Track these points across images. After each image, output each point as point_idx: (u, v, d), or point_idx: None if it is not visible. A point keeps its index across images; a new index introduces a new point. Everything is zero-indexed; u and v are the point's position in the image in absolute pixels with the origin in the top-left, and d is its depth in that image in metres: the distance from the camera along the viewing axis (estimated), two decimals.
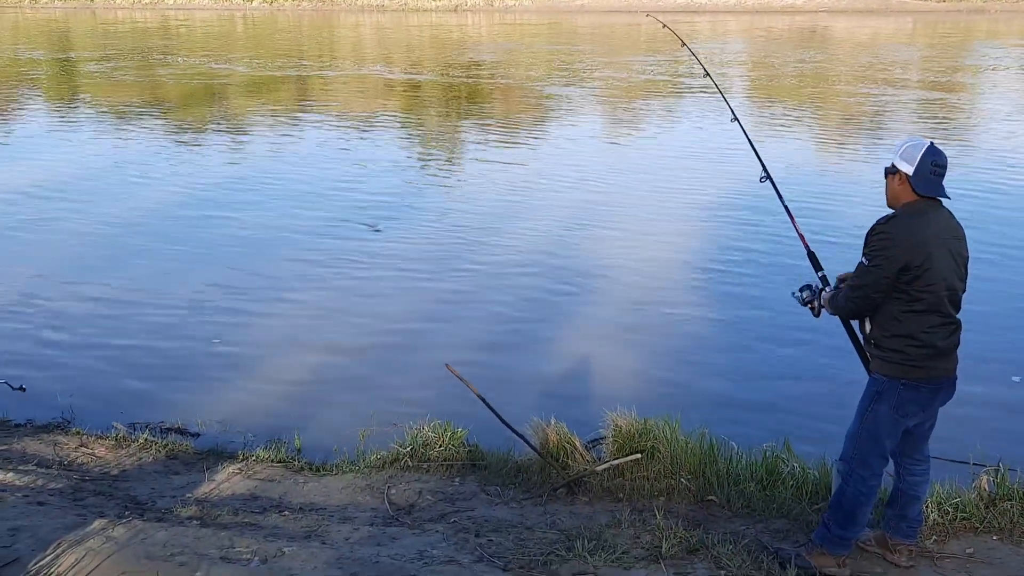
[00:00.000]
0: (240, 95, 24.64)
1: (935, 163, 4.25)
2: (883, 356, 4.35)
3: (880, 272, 4.21)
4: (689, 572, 4.49)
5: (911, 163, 4.25)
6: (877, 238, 4.24)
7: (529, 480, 5.65)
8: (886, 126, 19.89)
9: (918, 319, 4.24)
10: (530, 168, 15.88)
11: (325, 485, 5.70)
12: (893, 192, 4.37)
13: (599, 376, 7.61)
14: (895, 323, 4.28)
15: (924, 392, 4.33)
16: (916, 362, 4.27)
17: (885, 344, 4.33)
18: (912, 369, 4.28)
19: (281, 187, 14.19)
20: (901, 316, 4.26)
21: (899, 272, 4.18)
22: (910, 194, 4.29)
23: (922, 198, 4.27)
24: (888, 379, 4.34)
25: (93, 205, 12.99)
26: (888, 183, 4.40)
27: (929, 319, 4.24)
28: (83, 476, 5.66)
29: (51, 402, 6.84)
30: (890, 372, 4.33)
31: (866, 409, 4.42)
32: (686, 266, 10.47)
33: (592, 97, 24.34)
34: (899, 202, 4.35)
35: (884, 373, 4.35)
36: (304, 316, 8.92)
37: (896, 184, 4.34)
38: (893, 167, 4.34)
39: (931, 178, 4.25)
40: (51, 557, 4.42)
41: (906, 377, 4.30)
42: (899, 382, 4.31)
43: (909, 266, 4.16)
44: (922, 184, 4.25)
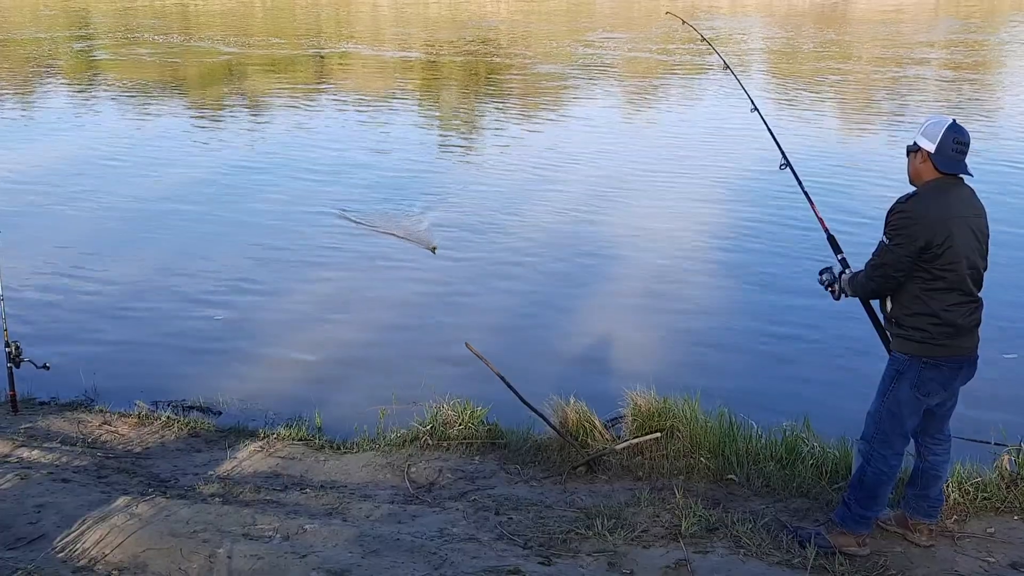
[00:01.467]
0: (259, 74, 24.65)
1: (957, 140, 4.21)
2: (904, 335, 4.32)
3: (901, 251, 4.18)
4: (708, 551, 4.50)
5: (933, 141, 4.22)
6: (898, 217, 4.22)
7: (549, 459, 5.67)
8: (908, 104, 19.69)
9: (939, 297, 4.22)
10: (548, 146, 15.82)
11: (346, 463, 5.73)
12: (915, 170, 4.34)
13: (618, 354, 7.61)
14: (916, 302, 4.26)
15: (945, 370, 4.31)
16: (937, 340, 4.25)
17: (906, 323, 4.30)
18: (933, 347, 4.26)
19: (301, 165, 14.19)
20: (922, 295, 4.24)
21: (920, 250, 4.15)
22: (932, 172, 4.25)
23: (944, 176, 4.24)
24: (909, 358, 4.32)
25: (112, 185, 13.05)
26: (910, 161, 4.37)
27: (950, 297, 4.22)
28: (107, 454, 5.72)
29: (75, 380, 6.90)
30: (911, 351, 4.31)
31: (888, 389, 4.40)
32: (705, 244, 10.43)
33: (610, 76, 24.21)
34: (921, 180, 4.31)
35: (905, 352, 4.33)
36: (325, 295, 8.96)
37: (918, 162, 4.31)
38: (915, 145, 4.31)
39: (953, 156, 4.21)
40: (76, 533, 4.47)
41: (927, 355, 4.28)
42: (920, 360, 4.29)
43: (930, 244, 4.14)
44: (944, 162, 4.21)
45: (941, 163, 4.21)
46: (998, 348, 7.28)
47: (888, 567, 4.42)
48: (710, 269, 9.69)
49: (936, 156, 4.21)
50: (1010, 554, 4.53)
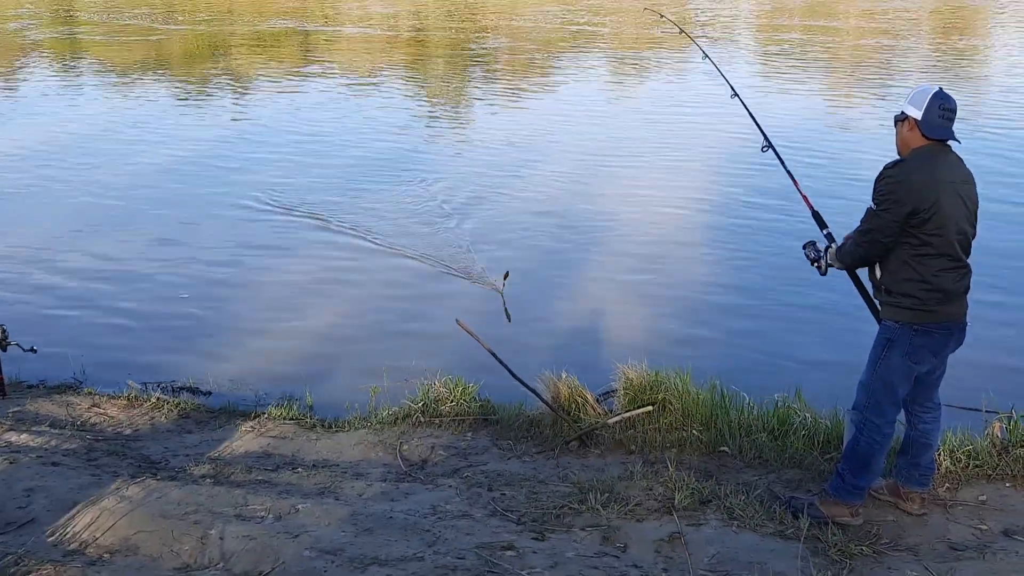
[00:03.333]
0: (243, 52, 24.44)
1: (943, 107, 4.21)
2: (894, 302, 4.32)
3: (888, 216, 4.18)
4: (702, 523, 4.50)
5: (919, 108, 4.23)
6: (885, 182, 4.22)
7: (541, 434, 5.66)
8: (893, 75, 19.65)
9: (928, 263, 4.21)
10: (537, 122, 15.75)
11: (337, 442, 5.71)
12: (903, 139, 4.34)
13: (609, 329, 7.59)
14: (905, 268, 4.25)
15: (936, 337, 4.31)
16: (927, 306, 4.24)
17: (895, 289, 4.30)
18: (923, 314, 4.26)
19: (287, 144, 14.09)
20: (911, 260, 4.23)
21: (908, 216, 4.15)
22: (919, 139, 4.26)
23: (931, 142, 4.24)
24: (900, 325, 4.31)
25: (99, 164, 12.93)
26: (898, 131, 4.38)
27: (939, 263, 4.22)
28: (96, 436, 5.68)
29: (63, 363, 6.84)
30: (901, 318, 4.30)
31: (879, 357, 4.39)
32: (695, 218, 10.40)
33: (596, 50, 24.09)
34: (908, 148, 4.31)
35: (895, 319, 4.33)
36: (314, 273, 8.91)
37: (905, 131, 4.31)
38: (902, 114, 4.32)
39: (940, 122, 4.21)
40: (67, 517, 4.45)
41: (917, 322, 4.27)
42: (911, 327, 4.29)
43: (917, 210, 4.13)
44: (930, 128, 4.21)
45: (928, 129, 4.21)
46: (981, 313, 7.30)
47: (881, 536, 4.43)
48: (700, 243, 9.66)
49: (923, 123, 4.21)
50: (1002, 521, 4.55)
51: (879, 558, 4.24)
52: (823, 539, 4.36)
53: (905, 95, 4.39)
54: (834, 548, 4.27)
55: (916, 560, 4.22)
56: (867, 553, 4.26)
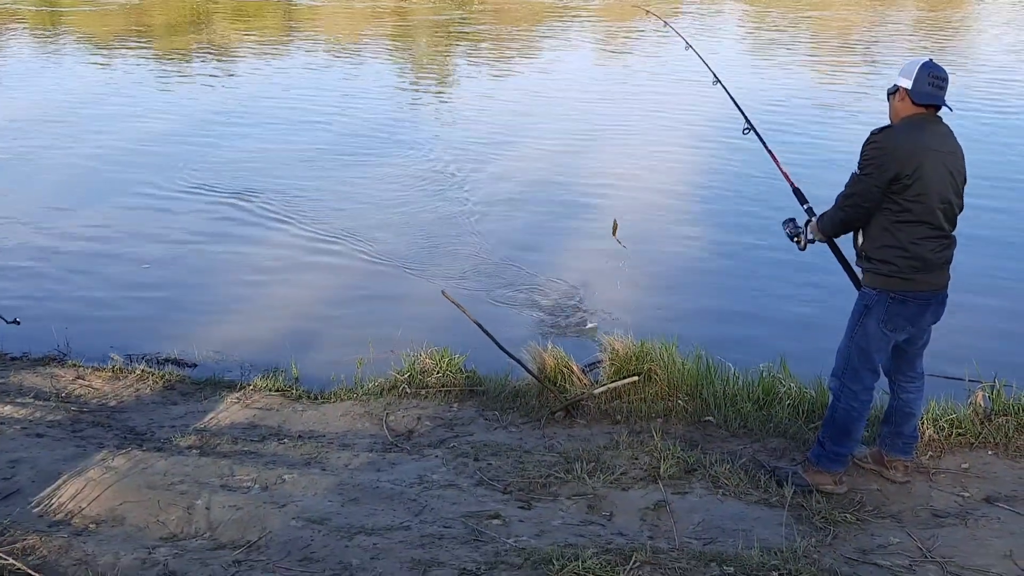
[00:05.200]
0: (226, 21, 24.20)
1: (933, 75, 4.22)
2: (873, 268, 4.34)
3: (871, 180, 4.19)
4: (687, 492, 4.52)
5: (909, 78, 4.24)
6: (870, 147, 4.23)
7: (527, 404, 5.67)
8: (879, 50, 19.63)
9: (907, 230, 4.22)
10: (523, 93, 15.68)
11: (324, 413, 5.70)
12: (894, 109, 4.35)
13: (595, 300, 7.60)
14: (885, 234, 4.26)
15: (912, 306, 4.32)
16: (905, 274, 4.26)
17: (874, 255, 4.31)
18: (901, 281, 4.27)
19: (271, 115, 14.00)
20: (891, 227, 4.24)
21: (890, 181, 4.16)
22: (910, 108, 4.27)
23: (921, 109, 4.24)
24: (878, 292, 4.33)
25: (80, 135, 12.81)
26: (890, 104, 4.39)
27: (919, 230, 4.22)
28: (81, 408, 5.66)
29: (46, 335, 6.79)
30: (880, 284, 4.32)
31: (856, 324, 4.42)
32: (680, 190, 10.40)
33: (583, 23, 23.96)
34: (899, 117, 4.32)
35: (874, 286, 4.35)
36: (299, 244, 8.87)
37: (897, 101, 4.33)
38: (894, 86, 4.33)
39: (930, 90, 4.22)
40: (52, 488, 4.44)
41: (894, 289, 4.29)
42: (888, 295, 4.30)
43: (900, 175, 4.14)
44: (920, 95, 4.22)
45: (917, 97, 4.22)
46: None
47: (864, 504, 4.47)
48: (685, 214, 9.67)
49: (912, 92, 4.22)
50: (984, 488, 4.59)
51: (863, 525, 4.27)
52: (807, 507, 4.39)
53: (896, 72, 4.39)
54: (818, 516, 4.31)
55: (899, 527, 4.26)
56: (851, 520, 4.29)
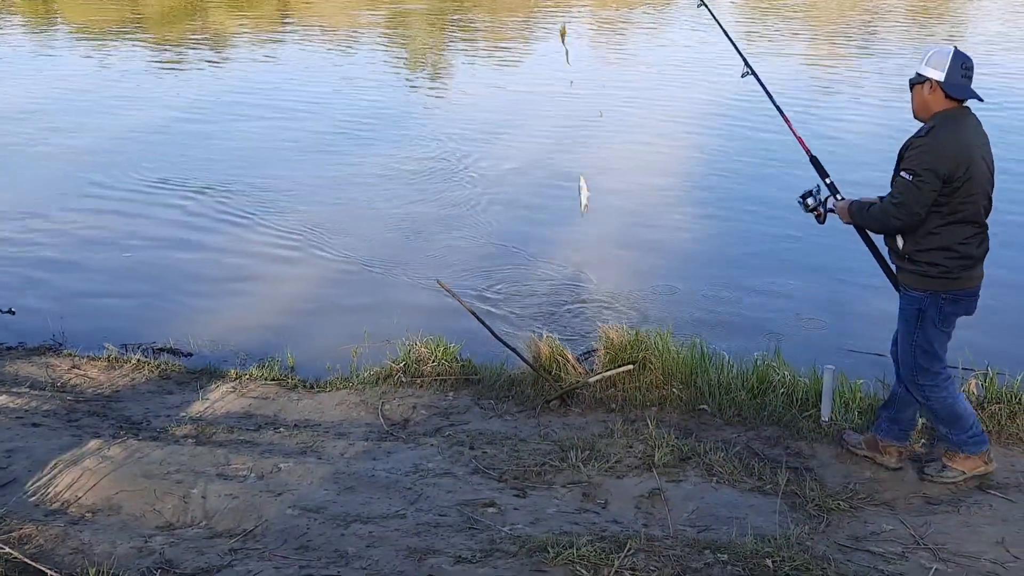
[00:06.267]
0: (221, 11, 24.12)
1: (964, 66, 4.15)
2: (920, 271, 4.25)
3: (927, 187, 4.08)
4: (681, 480, 4.54)
5: (941, 69, 4.14)
6: (920, 151, 4.11)
7: (522, 393, 5.67)
8: (873, 38, 19.62)
9: (955, 231, 4.18)
10: (516, 82, 15.68)
11: (319, 402, 5.71)
12: (923, 102, 4.24)
13: (590, 289, 7.61)
14: (932, 236, 4.19)
15: (963, 303, 4.30)
16: (954, 273, 4.22)
17: (921, 258, 4.23)
18: (950, 281, 4.23)
19: (266, 103, 13.98)
20: (939, 229, 4.17)
21: (942, 184, 4.07)
22: (942, 101, 4.18)
23: (954, 104, 4.17)
24: (928, 295, 4.26)
25: (74, 125, 12.79)
26: (915, 94, 4.26)
27: (966, 230, 4.19)
28: (77, 397, 5.66)
29: (42, 324, 6.80)
30: (928, 287, 4.25)
31: (913, 330, 4.34)
32: (675, 178, 10.40)
33: (581, 6, 23.92)
34: (929, 111, 4.22)
35: (922, 288, 4.27)
36: (294, 234, 8.85)
37: (926, 93, 4.21)
38: (920, 76, 4.21)
39: (961, 81, 4.14)
40: (48, 477, 4.45)
41: (944, 290, 4.24)
42: (939, 296, 4.25)
43: (952, 177, 4.07)
44: (953, 88, 4.14)
45: (951, 89, 4.14)
46: None
47: (857, 491, 4.49)
48: (679, 203, 9.67)
49: (946, 84, 4.13)
50: (976, 475, 4.61)
51: (856, 512, 4.30)
52: (801, 494, 4.41)
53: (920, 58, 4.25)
54: (811, 503, 4.33)
55: (892, 514, 4.29)
56: (844, 508, 4.31)
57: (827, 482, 4.58)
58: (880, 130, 11.48)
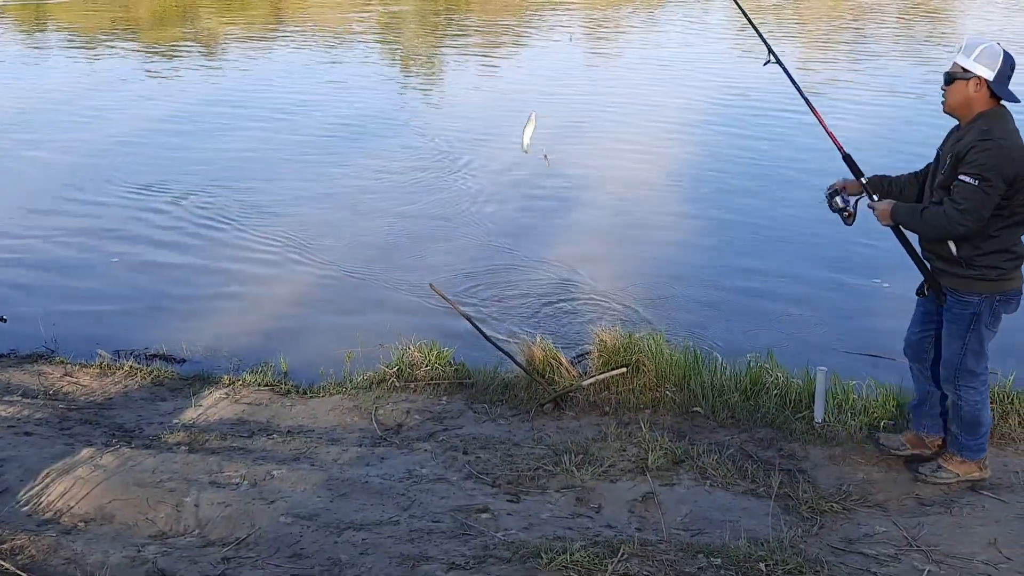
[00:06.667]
0: (212, 14, 24.09)
1: (1011, 66, 4.12)
2: (978, 275, 4.22)
3: (994, 190, 4.03)
4: (675, 483, 4.55)
5: (992, 68, 4.08)
6: (988, 155, 4.02)
7: (516, 397, 5.67)
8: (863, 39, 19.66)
9: (1011, 233, 4.17)
10: (509, 82, 15.67)
11: (312, 408, 5.70)
12: (966, 99, 4.15)
13: (583, 292, 7.59)
14: (992, 240, 4.15)
15: (1013, 302, 4.31)
16: (1009, 274, 4.22)
17: (980, 262, 4.19)
18: (1006, 283, 4.23)
19: (258, 108, 13.96)
20: (999, 232, 4.14)
21: (1008, 186, 4.04)
22: (986, 101, 4.12)
23: (997, 104, 4.12)
24: (983, 297, 4.24)
25: (65, 131, 12.76)
26: (955, 89, 4.16)
27: (1019, 231, 4.19)
28: (69, 405, 5.65)
29: (33, 332, 6.76)
30: (985, 289, 4.23)
31: (967, 332, 4.30)
32: (668, 180, 10.41)
33: (573, 4, 23.92)
34: (971, 110, 4.15)
35: (979, 291, 4.24)
36: (287, 240, 8.83)
37: (971, 90, 4.12)
38: (966, 72, 4.11)
39: (1007, 82, 4.11)
40: (40, 486, 4.44)
41: (1000, 291, 4.24)
42: (995, 298, 4.24)
43: (1017, 179, 4.04)
44: (1003, 89, 4.09)
45: (1001, 90, 4.09)
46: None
47: (850, 493, 4.50)
48: (672, 205, 9.67)
49: (994, 83, 4.08)
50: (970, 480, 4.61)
51: (849, 514, 4.30)
52: (794, 496, 4.42)
53: (960, 49, 4.16)
54: (805, 505, 4.34)
55: (885, 516, 4.29)
56: (837, 510, 4.32)
57: (820, 484, 4.59)
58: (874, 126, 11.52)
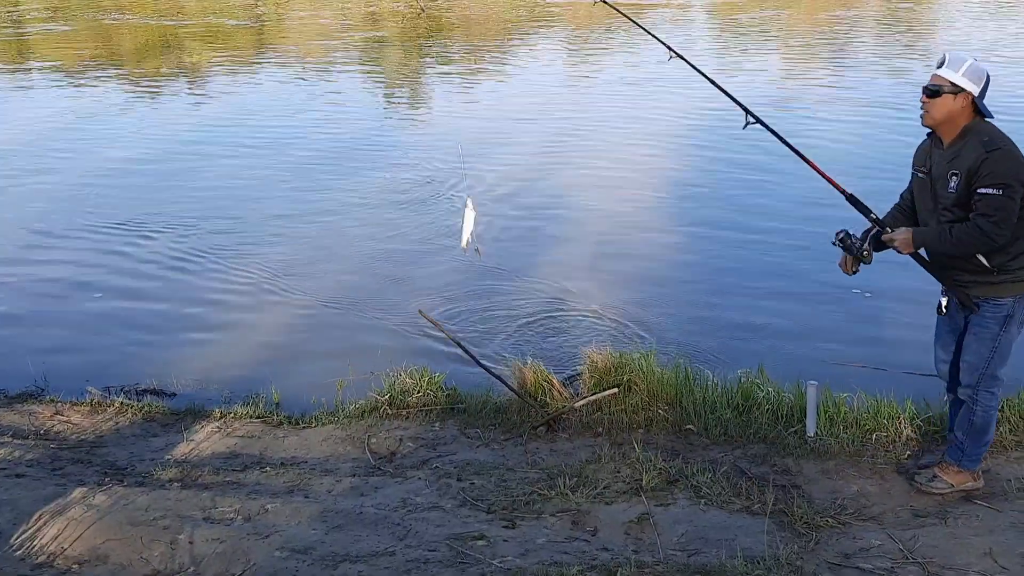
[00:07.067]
0: (196, 45, 24.13)
1: (989, 83, 4.20)
2: (1012, 278, 4.24)
3: (1017, 195, 4.07)
4: (670, 503, 4.55)
5: (978, 83, 4.14)
6: (1007, 165, 4.07)
7: (509, 420, 5.67)
8: (847, 43, 19.79)
9: None
10: (493, 104, 15.73)
11: (305, 438, 5.68)
12: (950, 112, 4.17)
13: (572, 313, 7.60)
14: (1017, 243, 4.19)
15: None
16: None
17: (1013, 266, 4.23)
18: None
19: (242, 138, 13.95)
20: (1021, 234, 4.18)
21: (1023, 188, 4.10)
22: (970, 115, 4.18)
23: (978, 118, 4.19)
24: (1017, 298, 4.28)
25: (50, 164, 12.71)
26: (942, 103, 4.16)
27: None
28: (60, 445, 5.62)
29: (22, 371, 6.72)
30: (1018, 291, 4.27)
31: (997, 335, 4.32)
32: (656, 198, 10.44)
33: (554, 26, 24.04)
34: (956, 124, 4.19)
35: (1011, 295, 4.27)
36: (273, 269, 8.81)
37: (957, 104, 4.15)
38: (955, 86, 4.14)
39: (984, 98, 4.18)
40: (33, 529, 4.41)
41: None
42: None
43: None
44: (983, 105, 4.17)
45: (982, 106, 4.17)
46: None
47: (845, 507, 4.50)
48: (659, 223, 9.70)
49: (979, 99, 4.15)
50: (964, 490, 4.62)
51: (844, 528, 4.31)
52: (789, 512, 4.42)
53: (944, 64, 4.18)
54: (800, 521, 4.34)
55: (880, 528, 4.30)
56: (832, 524, 4.33)
57: (815, 499, 4.60)
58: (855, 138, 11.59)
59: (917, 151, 4.51)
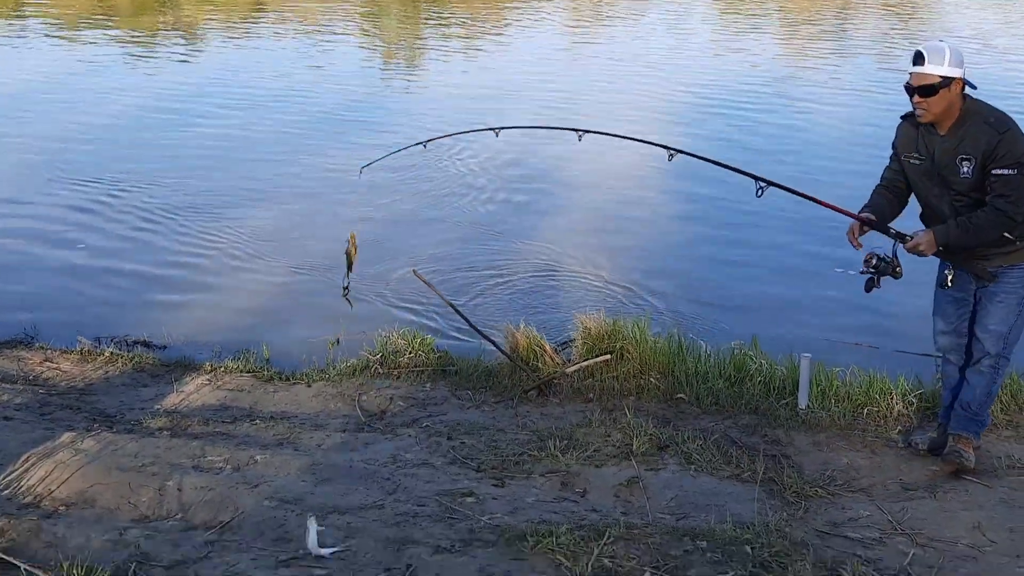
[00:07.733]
0: (191, 3, 23.91)
1: None
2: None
3: None
4: (660, 468, 4.54)
5: (962, 66, 4.18)
6: (1013, 144, 4.11)
7: (500, 384, 5.66)
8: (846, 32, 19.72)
9: None
10: (493, 73, 15.63)
11: (296, 394, 5.67)
12: (950, 102, 4.19)
13: (567, 279, 7.59)
14: None
15: None
16: None
17: None
18: None
19: (239, 97, 13.87)
20: None
21: None
22: (961, 97, 4.21)
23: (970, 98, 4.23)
24: None
25: (44, 118, 12.62)
26: (941, 98, 4.16)
27: None
28: (49, 391, 5.58)
29: (12, 318, 6.69)
30: None
31: (1020, 301, 4.34)
32: (653, 168, 10.39)
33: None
34: (954, 111, 4.20)
35: None
36: (268, 227, 8.78)
37: (954, 92, 4.17)
38: (945, 79, 4.12)
39: None
40: (20, 471, 4.38)
41: None
42: None
43: None
44: (969, 84, 4.21)
45: (968, 85, 4.21)
46: None
47: (834, 478, 4.51)
48: (657, 193, 9.69)
49: (966, 79, 4.19)
50: None
51: (833, 499, 4.32)
52: (779, 481, 4.42)
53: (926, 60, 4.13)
54: (789, 490, 4.34)
55: (869, 500, 4.31)
56: (822, 494, 4.33)
57: (805, 469, 4.60)
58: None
59: (900, 137, 4.48)
